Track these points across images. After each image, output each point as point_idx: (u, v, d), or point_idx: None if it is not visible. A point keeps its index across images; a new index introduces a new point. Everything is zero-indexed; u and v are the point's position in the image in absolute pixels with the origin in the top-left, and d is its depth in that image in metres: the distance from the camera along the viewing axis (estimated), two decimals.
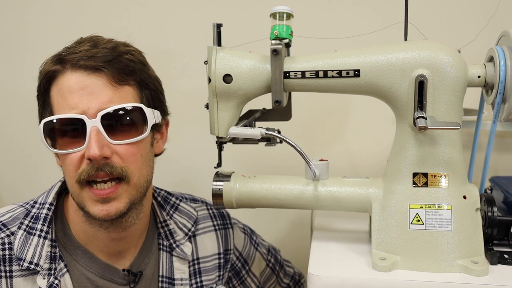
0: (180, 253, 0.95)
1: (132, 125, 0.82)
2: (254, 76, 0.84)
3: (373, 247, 0.81)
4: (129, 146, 0.81)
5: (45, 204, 0.87)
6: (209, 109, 0.88)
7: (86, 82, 0.79)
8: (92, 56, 0.79)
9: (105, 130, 0.78)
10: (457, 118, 0.79)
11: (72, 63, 0.79)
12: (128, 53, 0.83)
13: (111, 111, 0.79)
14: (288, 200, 0.88)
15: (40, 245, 0.83)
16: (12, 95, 1.36)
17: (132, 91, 0.83)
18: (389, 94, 0.80)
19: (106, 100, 0.79)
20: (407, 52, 0.78)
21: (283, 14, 0.83)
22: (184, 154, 1.31)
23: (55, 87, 0.81)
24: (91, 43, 0.82)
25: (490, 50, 0.83)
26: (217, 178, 0.91)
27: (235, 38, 0.89)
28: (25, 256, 0.81)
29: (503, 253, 0.81)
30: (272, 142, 0.91)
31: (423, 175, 0.80)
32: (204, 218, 1.03)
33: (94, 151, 0.77)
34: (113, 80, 0.80)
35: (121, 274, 0.89)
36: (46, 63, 0.83)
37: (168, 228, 0.96)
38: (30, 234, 0.84)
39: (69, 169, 0.80)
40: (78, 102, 0.78)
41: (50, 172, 1.14)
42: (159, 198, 0.98)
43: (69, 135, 0.80)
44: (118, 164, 0.80)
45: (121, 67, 0.81)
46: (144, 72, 0.86)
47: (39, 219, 0.85)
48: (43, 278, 0.82)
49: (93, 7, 1.31)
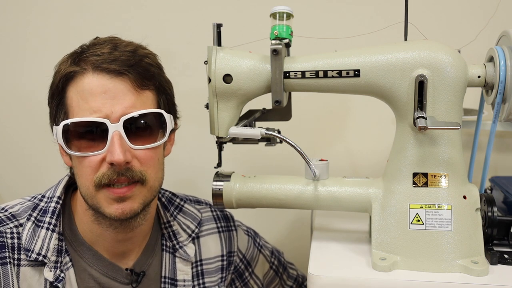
0: (183, 254, 0.95)
1: (152, 130, 0.83)
2: (254, 76, 0.84)
3: (373, 247, 0.81)
4: (147, 150, 0.82)
5: (53, 197, 0.87)
6: (209, 109, 0.88)
7: (109, 85, 0.79)
8: (115, 59, 0.79)
9: (126, 134, 0.79)
10: (457, 118, 0.79)
11: (94, 65, 0.79)
12: (147, 57, 0.84)
13: (135, 116, 0.79)
14: (288, 200, 0.88)
15: (48, 237, 0.84)
16: (11, 95, 1.36)
17: (151, 96, 0.84)
18: (389, 94, 0.80)
19: (129, 105, 0.79)
20: (407, 52, 0.78)
21: (283, 14, 0.83)
22: (184, 154, 1.31)
23: (73, 88, 0.80)
24: (111, 45, 0.82)
25: (490, 50, 0.83)
26: (217, 178, 0.91)
27: (235, 38, 0.89)
28: (33, 248, 0.82)
29: (503, 253, 0.81)
30: (272, 142, 0.91)
31: (423, 175, 0.80)
32: (208, 220, 1.03)
33: (119, 157, 0.77)
34: (135, 85, 0.80)
35: (124, 273, 0.89)
36: (63, 63, 0.82)
37: (172, 229, 0.96)
38: (38, 227, 0.84)
39: (86, 171, 0.80)
40: (101, 106, 0.78)
41: (50, 171, 1.14)
42: (163, 199, 0.98)
43: (88, 137, 0.79)
44: (137, 168, 0.80)
45: (142, 72, 0.81)
46: (161, 76, 0.87)
47: (48, 212, 0.86)
48: (49, 271, 0.82)
49: (93, 7, 1.31)
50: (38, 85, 1.29)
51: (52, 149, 0.90)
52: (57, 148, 0.87)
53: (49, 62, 0.86)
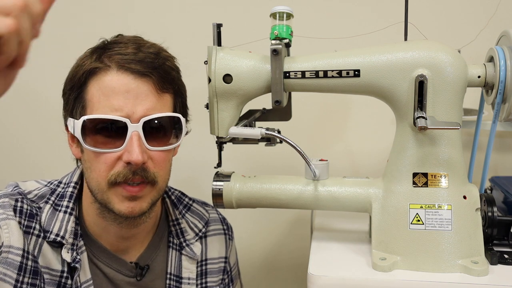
0: (189, 252, 0.96)
1: (168, 133, 0.84)
2: (254, 76, 0.84)
3: (373, 247, 0.81)
4: (161, 152, 0.83)
5: (70, 183, 0.89)
6: (209, 109, 0.88)
7: (132, 85, 0.79)
8: (140, 60, 0.80)
9: (143, 135, 0.79)
10: (457, 118, 0.79)
11: (119, 64, 0.80)
12: (168, 60, 0.85)
13: (154, 119, 0.80)
14: (288, 200, 0.88)
15: (66, 220, 0.85)
16: (11, 94, 1.36)
17: (170, 99, 0.85)
18: (389, 94, 0.80)
19: (150, 107, 0.80)
20: (407, 52, 0.78)
21: (283, 14, 0.83)
22: (184, 154, 1.31)
23: (95, 84, 0.81)
24: (135, 45, 0.82)
25: (490, 50, 0.83)
26: (217, 178, 0.92)
27: (235, 38, 0.89)
28: (52, 229, 0.83)
29: (503, 253, 0.81)
30: (272, 142, 0.91)
31: (423, 175, 0.80)
32: (215, 220, 1.04)
33: (138, 157, 0.78)
34: (157, 87, 0.81)
35: (129, 266, 0.90)
36: (86, 57, 0.83)
37: (180, 227, 0.97)
38: (56, 210, 0.85)
39: (100, 168, 0.80)
40: (123, 105, 0.78)
41: (50, 171, 1.14)
42: (173, 197, 0.99)
43: (105, 134, 0.80)
44: (151, 170, 0.81)
45: (164, 75, 0.82)
46: (179, 80, 0.88)
47: (65, 196, 0.87)
48: (67, 252, 0.83)
49: (92, 7, 1.31)
50: (43, 84, 1.29)
51: (52, 146, 0.90)
52: (58, 145, 0.87)
53: (49, 61, 0.86)
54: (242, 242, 1.15)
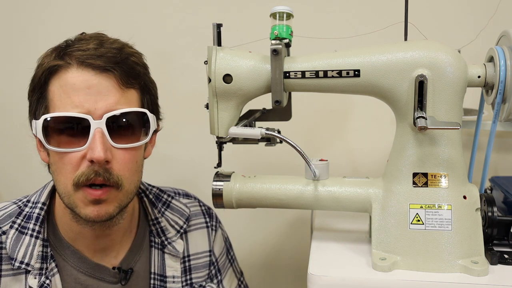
0: (172, 250, 0.95)
1: (135, 130, 0.82)
2: (254, 76, 0.84)
3: (373, 247, 0.81)
4: (127, 152, 0.81)
5: (37, 203, 0.86)
6: (209, 109, 0.88)
7: (93, 81, 0.78)
8: (101, 55, 0.78)
9: (108, 132, 0.78)
10: (457, 118, 0.79)
11: (79, 60, 0.78)
12: (133, 56, 0.83)
13: (118, 114, 0.78)
14: (288, 200, 0.88)
15: (32, 244, 0.83)
16: (8, 94, 1.36)
17: (136, 95, 0.83)
18: (389, 94, 0.80)
19: (113, 102, 0.78)
20: (407, 52, 0.78)
21: (283, 14, 0.83)
22: (184, 154, 1.31)
23: (56, 82, 0.79)
24: (97, 41, 0.81)
25: (490, 50, 0.83)
26: (217, 178, 0.91)
27: (235, 38, 0.89)
28: (16, 256, 0.81)
29: (503, 253, 0.81)
30: (272, 142, 0.91)
31: (423, 175, 0.80)
32: (196, 214, 1.02)
33: (99, 154, 0.76)
34: (120, 82, 0.79)
35: (112, 273, 0.89)
36: (47, 56, 0.81)
37: (160, 226, 0.95)
38: (22, 234, 0.83)
39: (66, 169, 0.79)
40: (83, 101, 0.77)
41: None
42: (151, 196, 0.98)
43: (68, 133, 0.78)
44: (115, 172, 0.79)
45: (128, 70, 0.80)
46: (146, 76, 0.86)
47: (32, 218, 0.85)
48: (34, 278, 0.81)
49: (92, 7, 1.31)
50: None
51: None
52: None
53: None
54: (242, 242, 1.15)
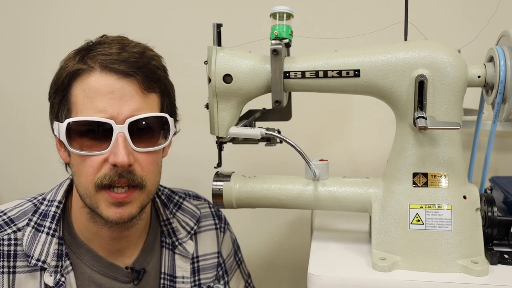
0: (182, 251, 0.96)
1: (155, 134, 0.83)
2: (254, 76, 0.84)
3: (373, 247, 0.81)
4: (148, 154, 0.82)
5: (53, 201, 0.87)
6: (209, 109, 0.88)
7: (116, 86, 0.78)
8: (124, 60, 0.79)
9: (129, 136, 0.78)
10: (457, 118, 0.79)
11: (102, 64, 0.78)
12: (154, 59, 0.84)
13: (140, 119, 0.79)
14: (288, 200, 0.88)
15: (48, 242, 0.84)
16: (11, 95, 1.36)
17: (157, 99, 0.84)
18: (389, 94, 0.80)
19: (135, 107, 0.79)
20: (407, 52, 0.78)
21: (283, 14, 0.83)
22: (184, 154, 1.31)
23: (79, 86, 0.80)
24: (119, 45, 0.81)
25: (490, 50, 0.83)
26: (217, 178, 0.91)
27: (235, 38, 0.89)
28: (33, 253, 0.82)
29: (503, 253, 0.81)
30: (272, 142, 0.91)
31: (423, 175, 0.80)
32: (206, 216, 1.03)
33: (123, 159, 0.77)
34: (142, 87, 0.80)
35: (125, 272, 0.89)
36: (70, 59, 0.82)
37: (171, 227, 0.96)
38: (38, 231, 0.84)
39: (87, 171, 0.80)
40: (107, 106, 0.77)
41: (49, 171, 1.14)
42: (163, 197, 0.99)
43: (90, 137, 0.79)
44: (138, 173, 0.80)
45: (150, 74, 0.81)
46: (166, 79, 0.87)
47: (48, 216, 0.86)
48: (50, 275, 0.82)
49: (92, 7, 1.31)
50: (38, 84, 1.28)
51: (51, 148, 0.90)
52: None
53: (49, 61, 0.86)
54: (242, 242, 1.15)
